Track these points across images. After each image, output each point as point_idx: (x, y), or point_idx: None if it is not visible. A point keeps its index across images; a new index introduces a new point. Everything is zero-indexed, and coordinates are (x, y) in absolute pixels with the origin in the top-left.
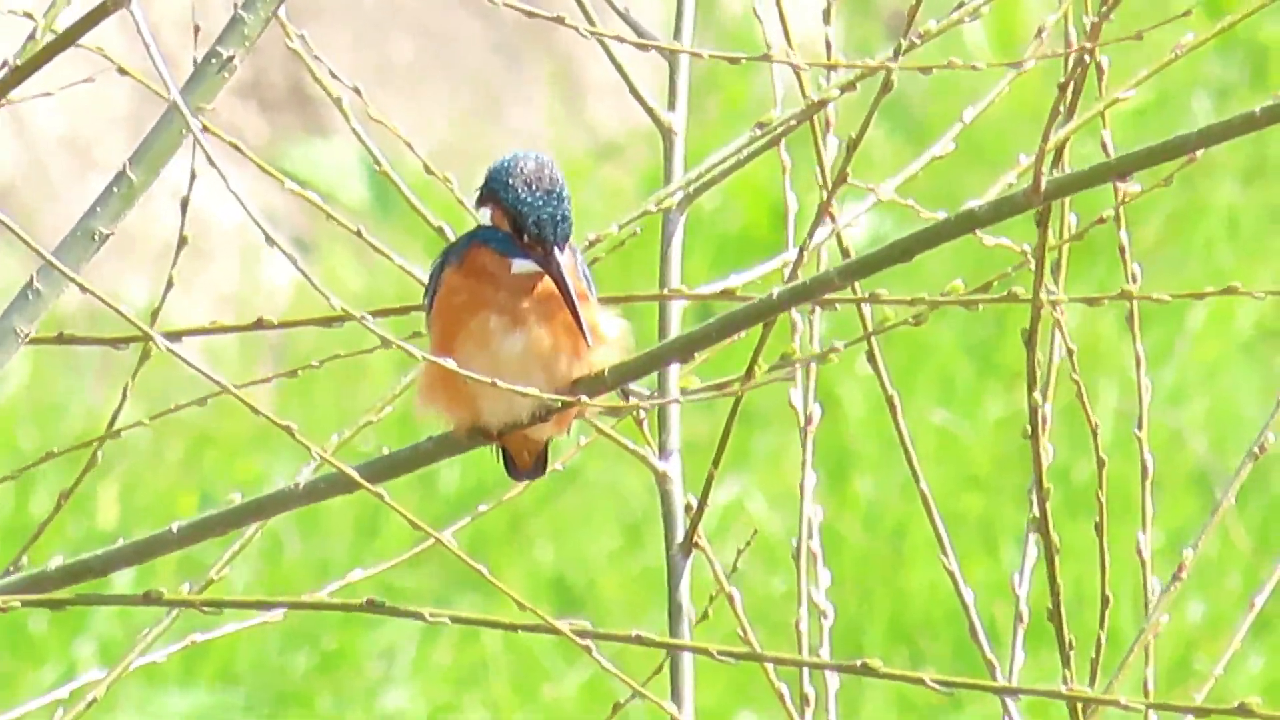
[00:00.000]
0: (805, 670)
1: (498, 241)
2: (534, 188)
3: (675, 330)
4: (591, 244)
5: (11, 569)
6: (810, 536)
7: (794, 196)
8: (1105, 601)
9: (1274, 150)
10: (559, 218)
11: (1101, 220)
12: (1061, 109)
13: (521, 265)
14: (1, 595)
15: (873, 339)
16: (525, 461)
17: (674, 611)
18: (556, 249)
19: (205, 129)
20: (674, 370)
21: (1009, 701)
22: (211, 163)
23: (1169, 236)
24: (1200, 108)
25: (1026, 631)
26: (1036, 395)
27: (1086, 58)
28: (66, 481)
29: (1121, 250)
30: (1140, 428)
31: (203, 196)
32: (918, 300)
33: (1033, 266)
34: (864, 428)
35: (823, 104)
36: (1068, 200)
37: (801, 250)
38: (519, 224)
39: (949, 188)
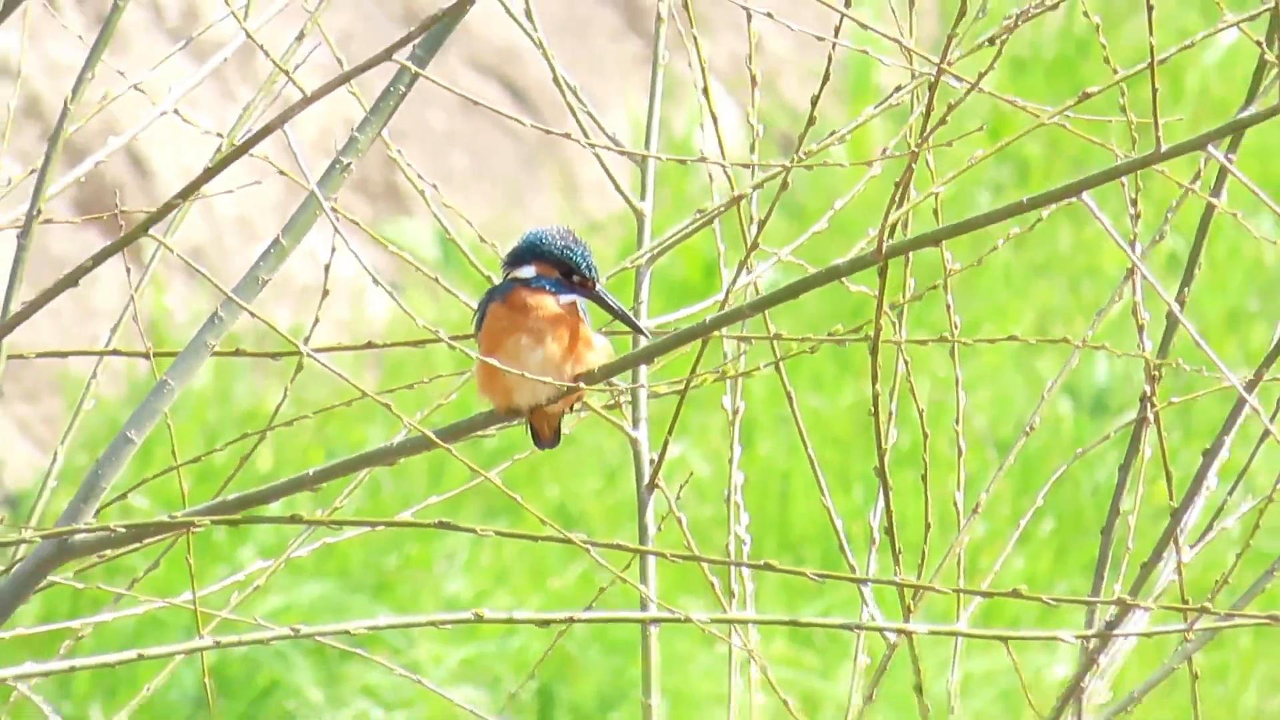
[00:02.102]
0: (731, 570)
1: (547, 284)
2: (575, 245)
3: (642, 344)
4: None
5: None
6: (736, 493)
7: (724, 257)
8: (927, 527)
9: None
10: (594, 262)
11: (934, 287)
12: (896, 198)
13: (568, 298)
14: (197, 516)
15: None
16: (546, 433)
17: (642, 529)
18: (598, 283)
19: (334, 209)
20: (643, 370)
21: (864, 589)
22: (337, 230)
23: (965, 283)
24: (983, 199)
25: (876, 548)
26: (878, 387)
27: (913, 165)
28: (242, 446)
29: (949, 307)
30: (958, 421)
31: (325, 253)
32: (808, 338)
33: (886, 303)
34: (764, 405)
35: (740, 197)
36: (909, 257)
37: (727, 293)
38: (571, 269)
39: (824, 252)
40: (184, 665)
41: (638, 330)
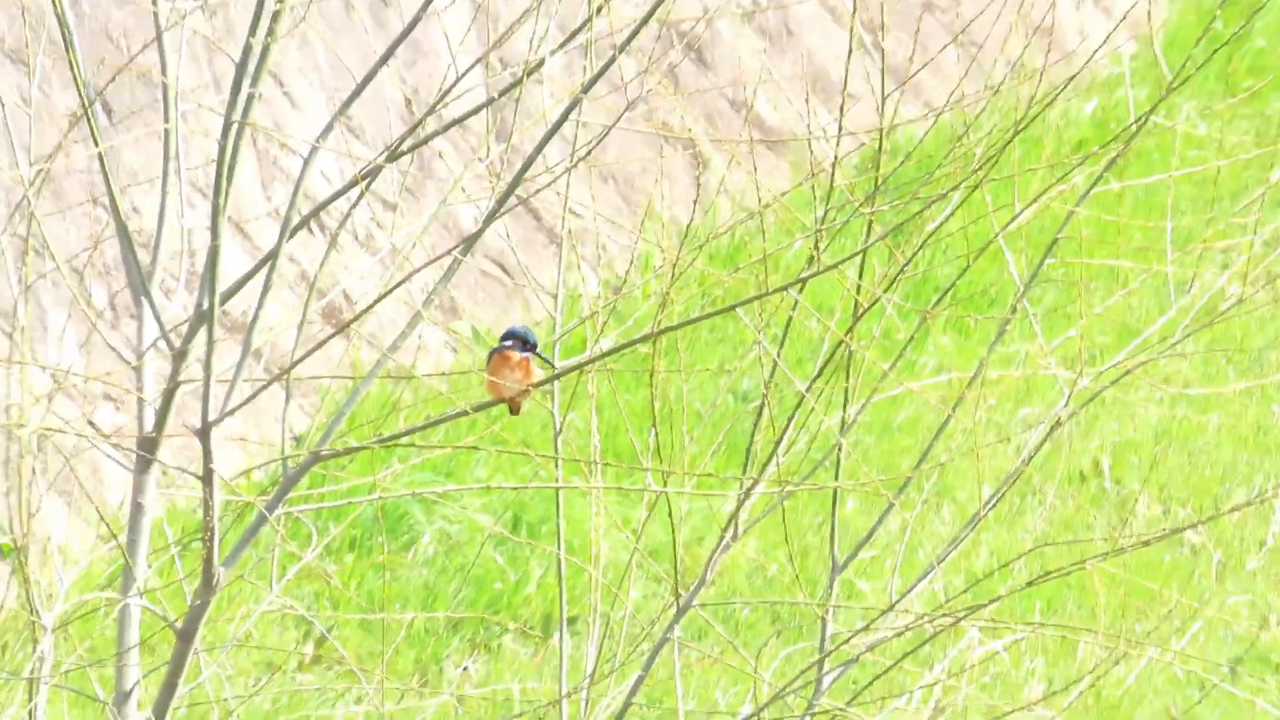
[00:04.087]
0: (592, 463)
1: (515, 344)
2: (528, 332)
3: (551, 373)
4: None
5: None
6: (594, 435)
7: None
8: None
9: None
10: (535, 339)
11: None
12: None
13: (523, 354)
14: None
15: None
16: (515, 409)
17: (557, 450)
18: (538, 348)
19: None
20: (557, 384)
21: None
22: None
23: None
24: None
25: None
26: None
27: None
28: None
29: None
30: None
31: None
32: (606, 355)
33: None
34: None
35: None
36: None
37: (589, 356)
38: (526, 342)
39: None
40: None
41: (552, 366)
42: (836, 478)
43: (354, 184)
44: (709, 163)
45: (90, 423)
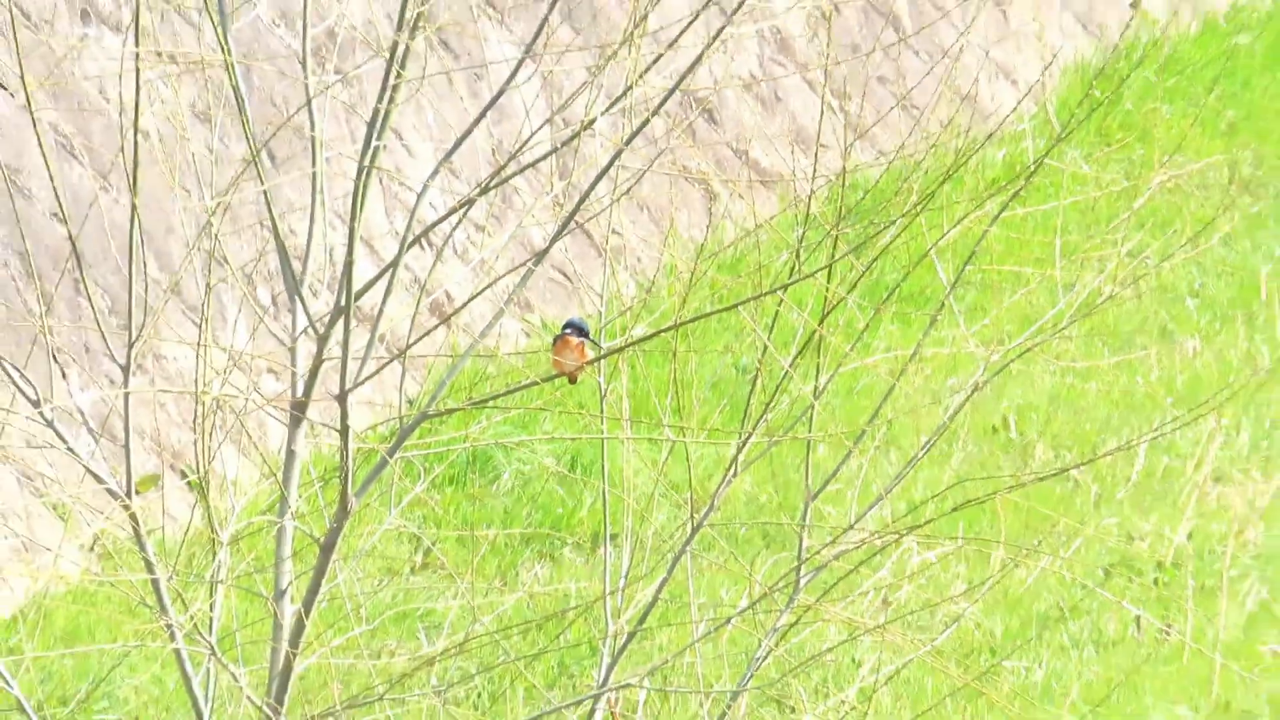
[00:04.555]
0: (624, 418)
1: (573, 331)
2: (583, 322)
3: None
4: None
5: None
6: (625, 397)
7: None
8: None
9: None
10: (588, 327)
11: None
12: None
13: (579, 338)
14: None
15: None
16: (573, 380)
17: (601, 410)
18: (589, 334)
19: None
20: (602, 361)
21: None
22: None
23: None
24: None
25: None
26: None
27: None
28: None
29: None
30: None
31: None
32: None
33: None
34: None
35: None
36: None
37: (627, 342)
38: (581, 329)
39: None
40: None
41: (599, 348)
42: (810, 430)
43: (453, 212)
44: (718, 196)
45: (256, 389)
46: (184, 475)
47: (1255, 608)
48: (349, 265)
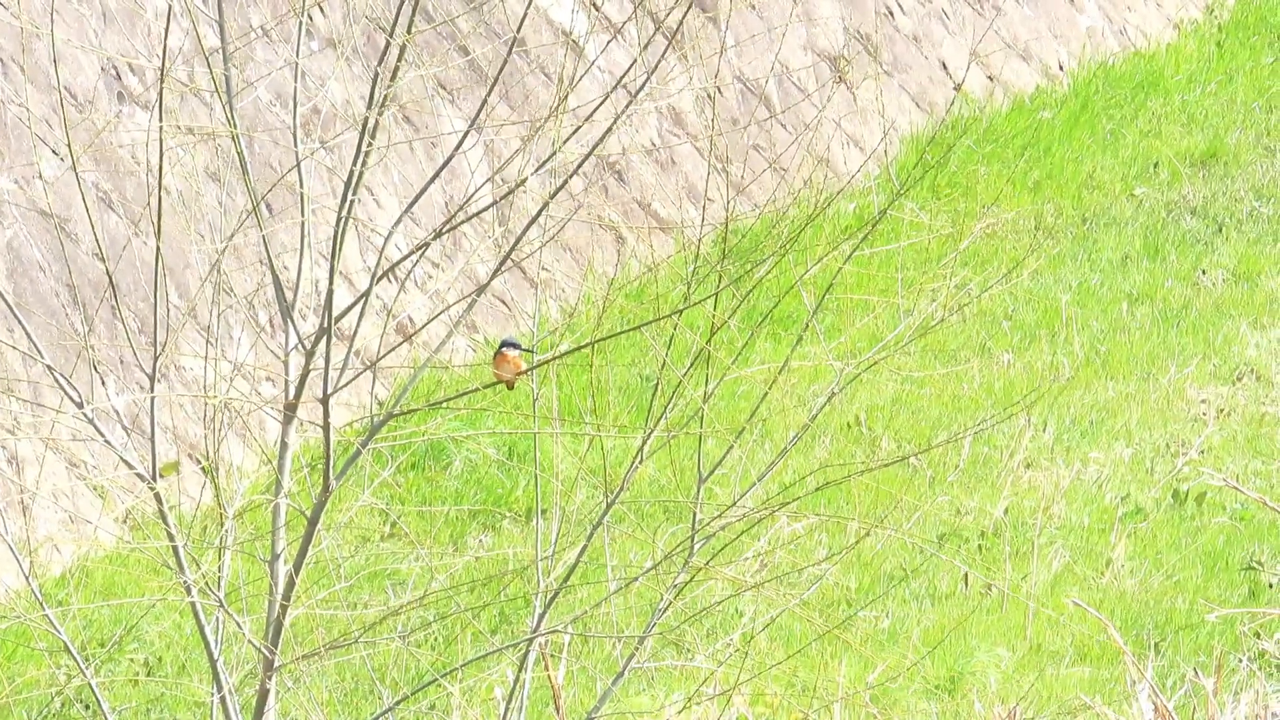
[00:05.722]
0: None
1: (508, 348)
2: (517, 341)
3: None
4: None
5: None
6: (555, 403)
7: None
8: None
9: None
10: (519, 345)
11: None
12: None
13: (515, 351)
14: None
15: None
16: (511, 386)
17: (535, 412)
18: (522, 349)
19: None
20: (533, 372)
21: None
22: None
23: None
24: None
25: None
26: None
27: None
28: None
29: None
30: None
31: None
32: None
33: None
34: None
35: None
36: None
37: (553, 356)
38: (516, 345)
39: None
40: None
41: (531, 357)
42: (701, 426)
43: (414, 252)
44: (625, 240)
45: (256, 393)
46: (198, 462)
47: (1060, 568)
48: (330, 294)
